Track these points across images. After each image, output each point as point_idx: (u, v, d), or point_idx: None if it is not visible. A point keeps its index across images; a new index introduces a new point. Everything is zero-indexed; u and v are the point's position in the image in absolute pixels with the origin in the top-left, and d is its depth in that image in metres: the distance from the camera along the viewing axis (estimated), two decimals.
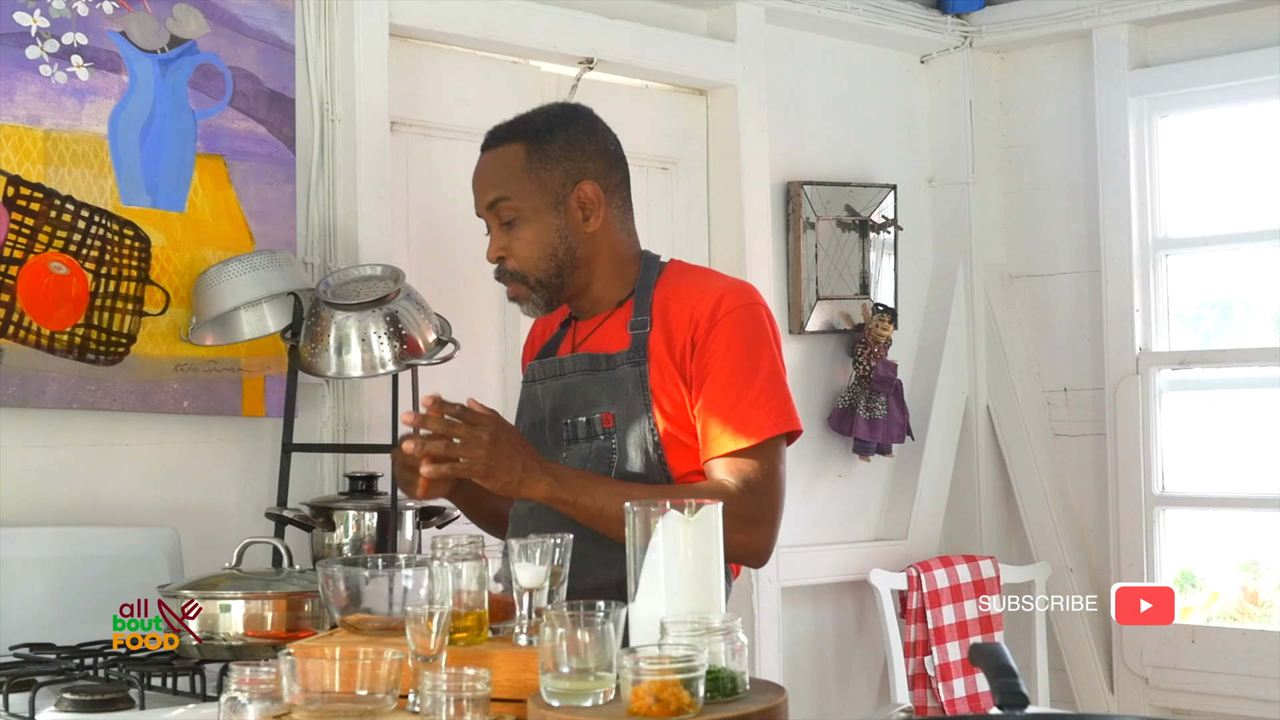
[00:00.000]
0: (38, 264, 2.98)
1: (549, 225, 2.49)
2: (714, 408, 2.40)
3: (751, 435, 2.38)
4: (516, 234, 2.50)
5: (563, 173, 2.51)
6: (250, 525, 3.20)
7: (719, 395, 2.39)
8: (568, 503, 2.33)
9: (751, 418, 2.38)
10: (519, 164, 2.50)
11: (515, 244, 2.50)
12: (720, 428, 2.38)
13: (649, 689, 1.67)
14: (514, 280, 2.52)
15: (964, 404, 4.90)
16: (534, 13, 3.88)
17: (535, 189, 2.49)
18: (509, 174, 2.51)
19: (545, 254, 2.50)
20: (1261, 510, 4.55)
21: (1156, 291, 4.65)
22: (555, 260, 2.50)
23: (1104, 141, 4.67)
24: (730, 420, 2.38)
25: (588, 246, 2.52)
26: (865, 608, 4.64)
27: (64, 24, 3.04)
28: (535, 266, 2.50)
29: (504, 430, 2.33)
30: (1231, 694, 4.43)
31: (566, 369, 2.53)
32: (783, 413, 2.42)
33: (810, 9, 4.51)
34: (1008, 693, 1.70)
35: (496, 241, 2.52)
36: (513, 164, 2.51)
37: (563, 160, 2.51)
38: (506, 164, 2.51)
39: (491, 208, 2.52)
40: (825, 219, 4.60)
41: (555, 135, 2.53)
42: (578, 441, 2.47)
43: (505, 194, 2.50)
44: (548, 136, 2.52)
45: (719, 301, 2.44)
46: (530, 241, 2.49)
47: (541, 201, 2.49)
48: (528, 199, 2.49)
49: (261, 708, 1.79)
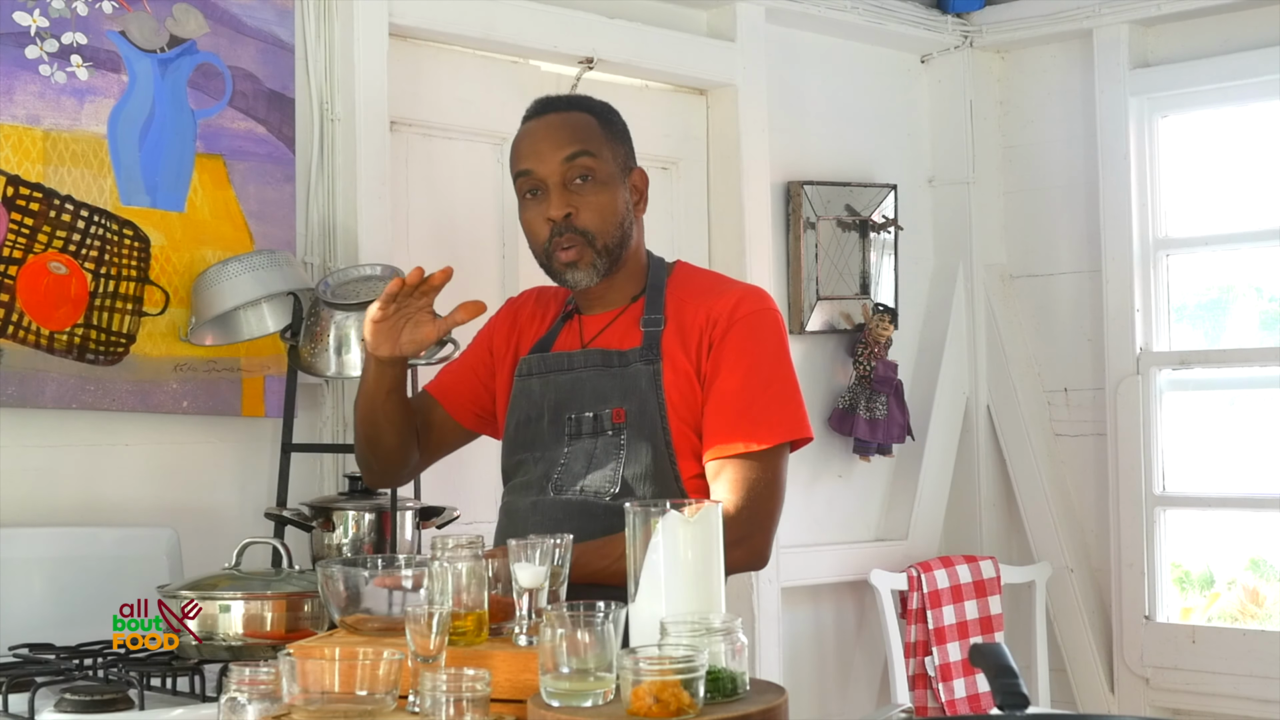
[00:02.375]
0: (37, 264, 2.98)
1: (618, 195, 2.49)
2: (726, 407, 2.39)
3: (762, 440, 2.37)
4: (589, 195, 2.46)
5: (625, 151, 2.54)
6: (250, 525, 3.19)
7: (731, 397, 2.39)
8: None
9: (761, 423, 2.37)
10: (596, 129, 2.50)
11: (586, 205, 2.46)
12: (729, 429, 2.37)
13: (649, 689, 1.67)
14: (579, 241, 2.45)
15: (964, 404, 4.90)
16: (534, 12, 3.87)
17: (610, 156, 2.50)
18: (590, 133, 2.49)
19: (615, 221, 2.47)
20: (1262, 510, 4.55)
21: (1157, 291, 4.65)
22: (621, 230, 2.48)
23: (1104, 141, 4.67)
24: (740, 423, 2.37)
25: (635, 232, 2.53)
26: (865, 608, 4.64)
27: (63, 24, 3.04)
28: (605, 229, 2.46)
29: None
30: (1232, 694, 4.43)
31: (576, 364, 2.50)
32: (793, 420, 2.42)
33: (810, 9, 4.51)
34: (1008, 693, 1.69)
35: (562, 198, 2.46)
36: (591, 127, 2.50)
37: (625, 140, 2.55)
38: (585, 125, 2.50)
39: (573, 159, 2.46)
40: (825, 219, 4.59)
41: (615, 118, 2.56)
42: (581, 437, 2.45)
43: (590, 149, 2.47)
44: (611, 116, 2.55)
45: (737, 304, 2.44)
46: (604, 205, 2.46)
47: (614, 170, 2.50)
48: (606, 162, 2.49)
49: (261, 708, 1.79)
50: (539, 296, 2.69)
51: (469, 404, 2.68)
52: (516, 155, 2.53)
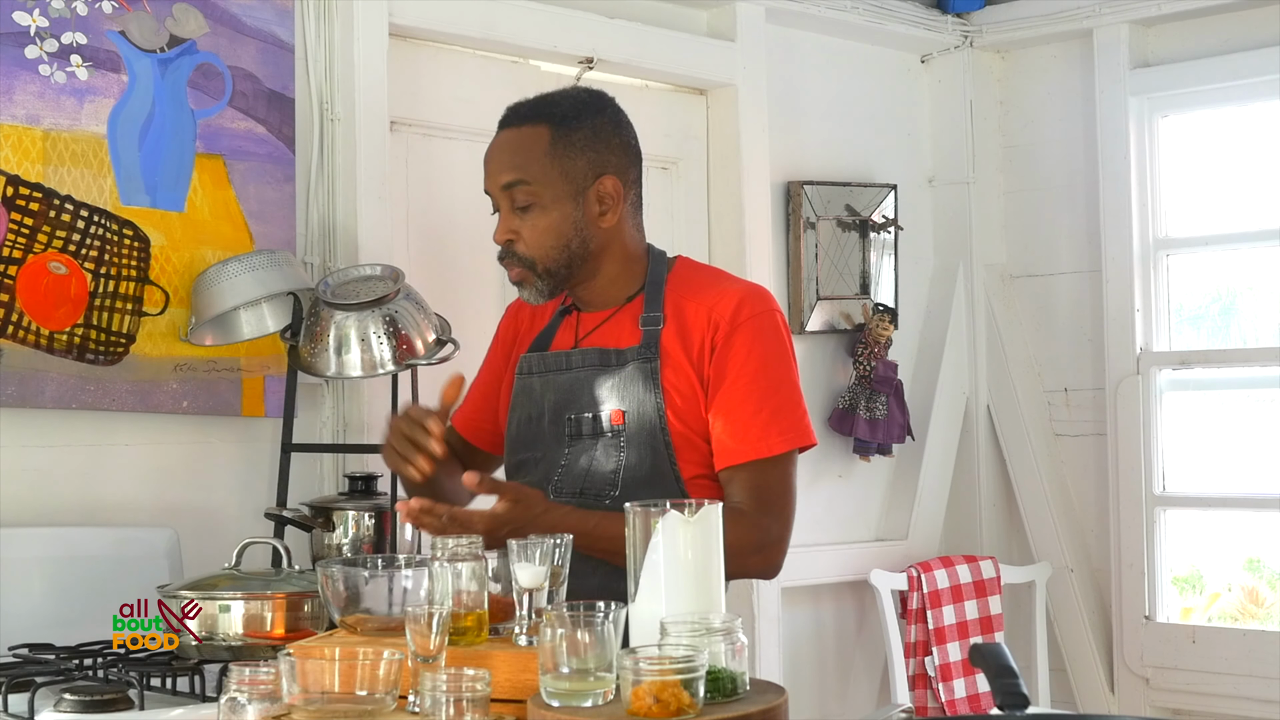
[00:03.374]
0: (37, 264, 2.98)
1: (565, 215, 2.42)
2: (732, 416, 2.37)
3: (770, 449, 2.36)
4: (530, 219, 2.42)
5: (586, 163, 2.43)
6: (249, 525, 3.19)
7: (739, 403, 2.37)
8: (581, 547, 2.19)
9: (771, 430, 2.37)
10: (542, 148, 2.42)
11: (527, 229, 2.42)
12: (739, 437, 2.36)
13: (649, 689, 1.67)
14: (520, 265, 2.44)
15: (964, 404, 4.90)
16: (534, 12, 3.87)
17: (556, 176, 2.41)
18: (530, 157, 2.42)
19: (558, 244, 2.42)
20: (1262, 510, 4.55)
21: (1157, 291, 4.64)
22: (567, 251, 2.43)
23: (1104, 141, 4.67)
24: (750, 431, 2.36)
25: (600, 240, 2.45)
26: (865, 608, 4.64)
27: (63, 23, 3.04)
28: (545, 255, 2.43)
29: (499, 526, 2.20)
30: (1232, 694, 4.43)
31: (574, 363, 2.47)
32: (800, 427, 2.41)
33: (810, 9, 4.51)
34: (1008, 693, 1.69)
35: (506, 223, 2.44)
36: (535, 147, 2.42)
37: (586, 150, 2.44)
38: (529, 146, 2.43)
39: (507, 189, 2.43)
40: (825, 219, 4.59)
41: (581, 123, 2.45)
42: (581, 437, 2.43)
43: (525, 178, 2.41)
44: (574, 123, 2.44)
45: (740, 305, 2.41)
46: (544, 229, 2.42)
47: (561, 190, 2.42)
48: (547, 186, 2.41)
49: (261, 708, 1.79)
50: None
51: (488, 433, 2.66)
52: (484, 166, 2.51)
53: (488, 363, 2.70)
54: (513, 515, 2.23)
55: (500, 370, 2.65)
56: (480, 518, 2.22)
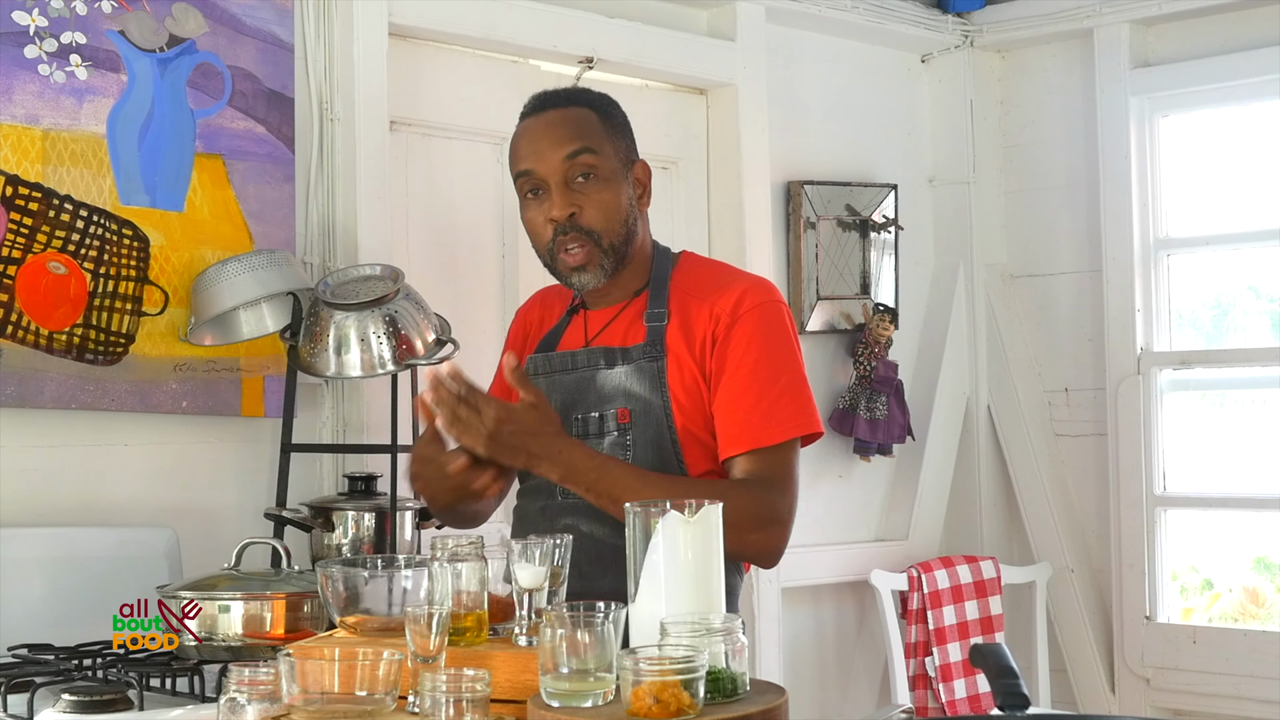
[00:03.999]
0: (36, 264, 2.97)
1: (622, 190, 2.44)
2: (735, 405, 2.37)
3: (773, 436, 2.36)
4: (592, 193, 2.41)
5: (626, 145, 2.49)
6: (249, 526, 3.19)
7: (740, 393, 2.37)
8: (581, 489, 2.29)
9: (773, 418, 2.36)
10: (597, 124, 2.45)
11: (590, 203, 2.40)
12: (740, 426, 2.36)
13: (649, 690, 1.66)
14: (586, 240, 2.40)
15: (965, 404, 4.90)
16: (534, 12, 3.87)
17: (611, 151, 2.44)
18: (591, 129, 2.44)
19: (620, 218, 2.43)
20: (1263, 510, 4.54)
21: (1158, 291, 4.64)
22: (626, 227, 2.44)
23: (1105, 141, 4.67)
24: (751, 419, 2.36)
25: (639, 226, 2.48)
26: (866, 608, 4.64)
27: (62, 23, 3.03)
28: (611, 228, 2.41)
29: (509, 421, 2.24)
30: (1233, 695, 4.42)
31: (580, 363, 2.47)
32: (805, 414, 2.40)
33: (811, 8, 4.51)
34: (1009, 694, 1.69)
35: (565, 198, 2.40)
36: (591, 122, 2.45)
37: (625, 134, 2.50)
38: (585, 120, 2.45)
39: (574, 157, 2.40)
40: (826, 219, 4.59)
41: (615, 110, 2.51)
42: (588, 437, 2.42)
43: (592, 145, 2.42)
44: (610, 109, 2.50)
45: (740, 298, 2.41)
46: (609, 202, 2.41)
47: (617, 165, 2.44)
48: (609, 158, 2.43)
49: (260, 709, 1.78)
50: (543, 299, 2.68)
51: None
52: (515, 155, 2.47)
53: (498, 370, 2.70)
54: (526, 419, 2.25)
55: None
56: (492, 408, 2.23)
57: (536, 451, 2.27)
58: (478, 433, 2.24)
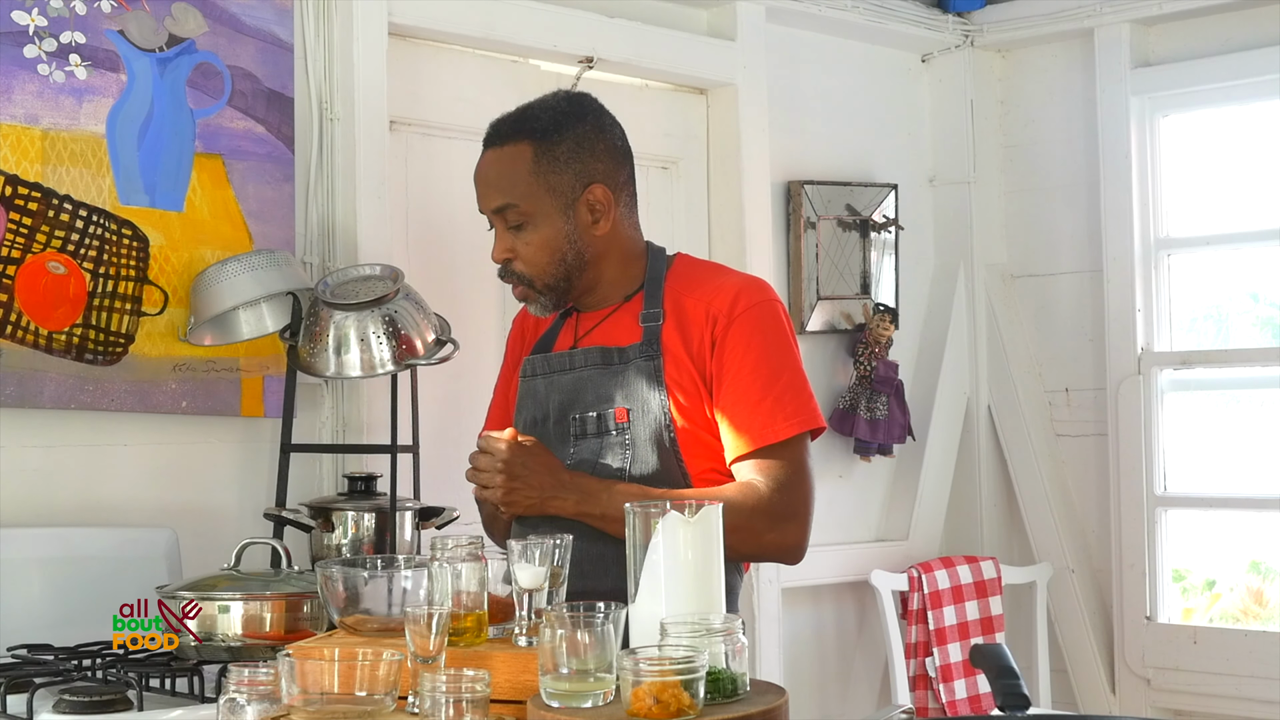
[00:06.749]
0: (36, 263, 2.97)
1: (557, 230, 2.44)
2: (737, 407, 2.38)
3: (777, 434, 2.37)
4: (524, 237, 2.44)
5: (572, 175, 2.44)
6: (249, 526, 3.19)
7: (741, 394, 2.37)
8: (595, 516, 2.33)
9: (777, 416, 2.37)
10: (526, 167, 2.42)
11: (522, 247, 2.45)
12: (745, 427, 2.37)
13: (649, 690, 1.66)
14: (520, 283, 2.48)
15: (965, 404, 4.90)
16: (534, 12, 3.87)
17: (543, 193, 2.43)
18: (516, 177, 2.43)
19: (554, 259, 2.45)
20: (1264, 511, 4.54)
21: (1158, 291, 4.64)
22: (564, 264, 2.45)
23: (1106, 141, 4.66)
24: (754, 419, 2.37)
25: (596, 248, 2.47)
26: (866, 609, 4.64)
27: (62, 23, 3.03)
28: (543, 271, 2.45)
29: (521, 457, 2.34)
30: (1233, 695, 4.42)
31: (576, 363, 2.48)
32: (807, 410, 2.42)
33: (811, 8, 4.51)
34: (1009, 694, 1.69)
35: (502, 243, 2.47)
36: (519, 167, 2.43)
37: (571, 163, 2.44)
38: (513, 166, 2.43)
39: (499, 213, 2.45)
40: (826, 218, 4.59)
41: (563, 135, 2.44)
42: (586, 437, 2.43)
43: (512, 200, 2.43)
44: (555, 136, 2.44)
45: (736, 298, 2.42)
46: (538, 246, 2.44)
47: (550, 205, 2.43)
48: (535, 203, 2.42)
49: (260, 709, 1.78)
50: None
51: None
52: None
53: (502, 375, 2.72)
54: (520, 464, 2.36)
55: (507, 380, 2.68)
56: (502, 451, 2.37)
57: (550, 484, 2.34)
58: (493, 475, 2.36)
